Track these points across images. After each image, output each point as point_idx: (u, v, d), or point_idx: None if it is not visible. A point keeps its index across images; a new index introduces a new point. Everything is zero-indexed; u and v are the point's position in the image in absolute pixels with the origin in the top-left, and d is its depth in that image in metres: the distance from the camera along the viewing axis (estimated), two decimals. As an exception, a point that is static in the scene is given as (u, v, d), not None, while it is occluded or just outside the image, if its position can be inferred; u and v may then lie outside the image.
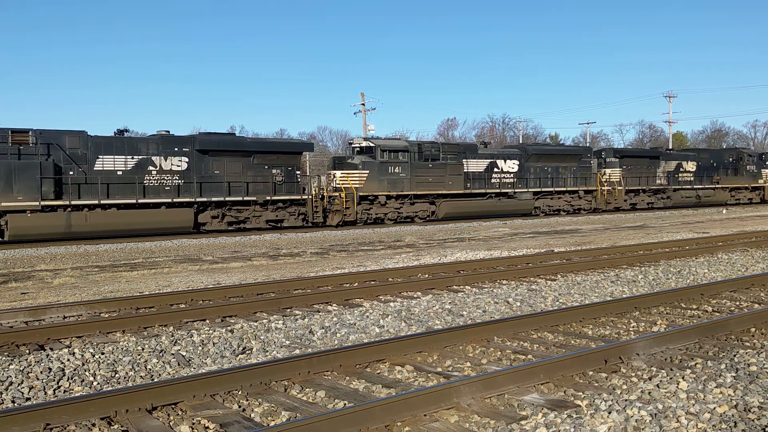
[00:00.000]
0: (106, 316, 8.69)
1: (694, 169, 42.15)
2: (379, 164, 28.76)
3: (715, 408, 4.71)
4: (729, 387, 5.18)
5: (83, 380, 5.98)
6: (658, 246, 16.55)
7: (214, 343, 7.21)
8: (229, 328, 7.87)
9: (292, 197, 26.66)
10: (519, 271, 11.98)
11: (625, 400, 4.93)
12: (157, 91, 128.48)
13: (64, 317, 8.76)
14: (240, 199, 25.52)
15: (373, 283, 11.15)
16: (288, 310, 9.10)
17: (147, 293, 10.56)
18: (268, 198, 26.02)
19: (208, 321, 8.42)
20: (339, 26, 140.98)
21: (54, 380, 5.93)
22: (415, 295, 10.02)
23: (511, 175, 33.14)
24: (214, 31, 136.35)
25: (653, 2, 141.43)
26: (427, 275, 11.89)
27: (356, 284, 10.96)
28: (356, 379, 5.76)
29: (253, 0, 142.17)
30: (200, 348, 7.05)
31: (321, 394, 5.36)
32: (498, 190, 32.47)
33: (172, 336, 7.50)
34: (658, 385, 5.28)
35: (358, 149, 29.74)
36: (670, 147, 64.91)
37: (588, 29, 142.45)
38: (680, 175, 41.41)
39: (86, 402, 4.81)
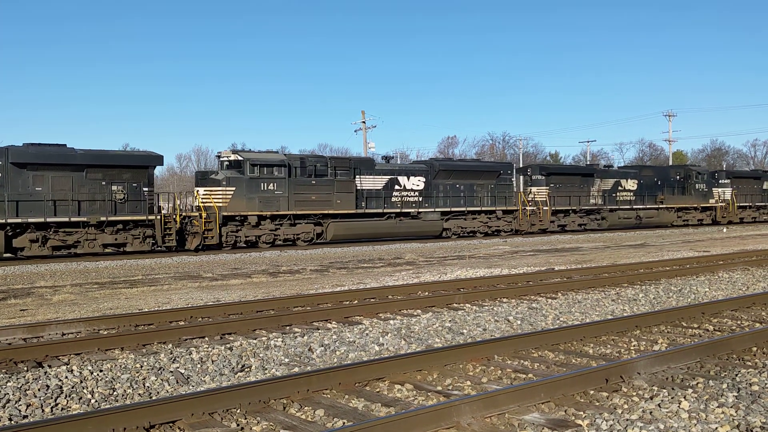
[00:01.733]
0: (105, 333, 8.66)
1: (634, 188, 38.55)
2: (248, 180, 25.23)
3: (717, 428, 4.68)
4: (731, 407, 5.15)
5: (81, 398, 5.94)
6: (659, 264, 16.52)
7: (213, 361, 7.17)
8: (228, 345, 7.84)
9: (136, 218, 23.06)
10: (519, 289, 11.95)
11: (627, 420, 4.90)
12: (157, 111, 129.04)
13: (63, 334, 8.72)
14: (67, 219, 21.91)
15: (372, 300, 11.12)
16: (287, 327, 9.07)
17: (146, 310, 10.54)
18: (104, 219, 22.36)
19: (207, 338, 8.38)
20: (341, 45, 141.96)
21: (52, 398, 5.89)
22: (415, 313, 9.99)
23: (416, 193, 29.76)
24: (214, 49, 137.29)
25: (654, 23, 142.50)
26: (427, 293, 11.85)
27: (356, 301, 10.93)
28: (356, 398, 5.73)
29: (255, 19, 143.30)
30: (199, 365, 7.01)
31: (320, 413, 5.32)
32: (399, 210, 29.06)
33: (171, 353, 7.46)
34: (659, 405, 5.24)
35: (227, 163, 26.08)
36: (671, 164, 64.97)
37: (589, 49, 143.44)
38: (619, 194, 37.84)
39: (83, 420, 4.77)
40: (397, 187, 29.38)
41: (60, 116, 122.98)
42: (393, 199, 29.21)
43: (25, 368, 6.93)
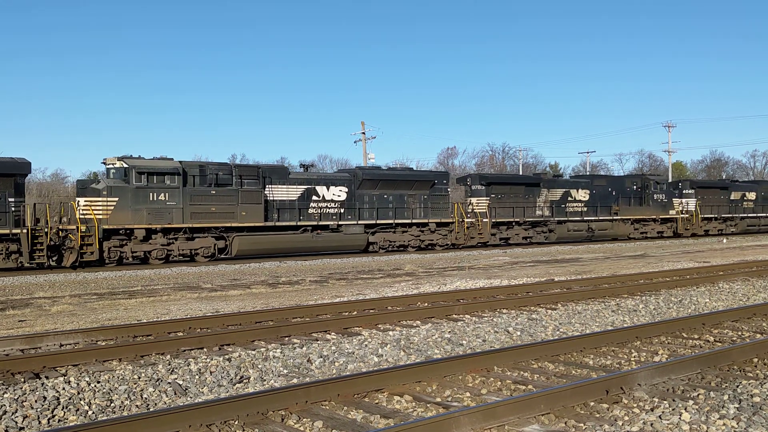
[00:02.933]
0: (103, 344, 8.63)
1: (586, 198, 36.03)
2: (134, 190, 22.98)
3: (718, 440, 4.64)
4: (732, 418, 5.12)
5: (78, 409, 5.90)
6: (659, 275, 16.49)
7: (211, 372, 7.14)
8: (226, 356, 7.81)
9: None
10: (519, 300, 11.92)
11: (627, 432, 4.87)
12: (157, 120, 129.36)
13: (61, 345, 8.69)
14: None
15: (372, 311, 11.09)
16: (286, 338, 9.04)
17: (144, 321, 10.50)
18: None
19: (205, 349, 8.35)
20: (340, 56, 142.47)
21: (48, 409, 5.86)
22: (415, 324, 9.96)
23: (337, 204, 27.63)
24: (214, 60, 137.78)
25: (653, 32, 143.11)
26: (426, 304, 11.82)
27: (355, 312, 10.90)
28: (354, 409, 5.69)
29: (254, 29, 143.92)
30: (197, 377, 6.98)
31: (318, 425, 5.29)
32: (316, 223, 26.90)
33: (169, 364, 7.43)
34: (660, 416, 5.21)
35: (113, 171, 23.75)
36: (672, 177, 65.00)
37: (588, 59, 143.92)
38: (568, 205, 35.31)
39: (80, 432, 4.74)
40: (314, 197, 27.17)
41: (58, 126, 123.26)
42: (310, 210, 27.02)
43: (23, 379, 6.89)
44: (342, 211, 27.90)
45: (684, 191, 40.95)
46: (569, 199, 35.54)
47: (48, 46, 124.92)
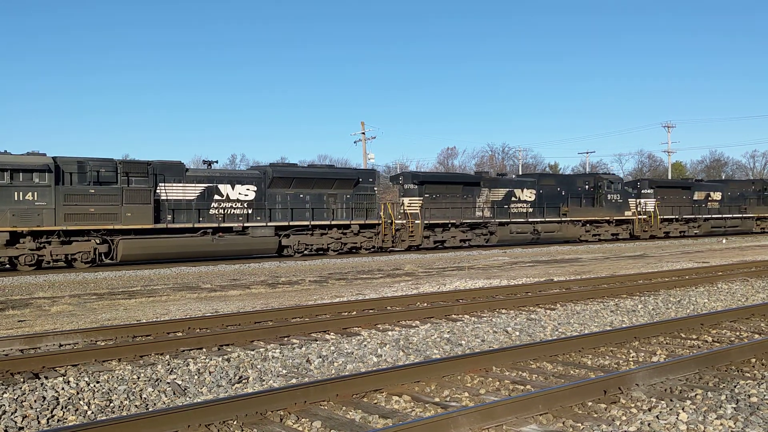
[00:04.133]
0: (102, 344, 8.64)
1: (531, 199, 33.95)
2: None
3: (715, 440, 4.66)
4: (729, 418, 5.13)
5: (77, 409, 5.91)
6: (658, 275, 16.51)
7: (210, 372, 7.15)
8: (225, 356, 7.82)
9: None
10: (518, 300, 11.94)
11: (625, 432, 4.88)
12: (156, 120, 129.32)
13: (60, 345, 8.70)
14: None
15: (371, 311, 11.10)
16: (285, 338, 9.05)
17: (144, 321, 10.52)
18: None
19: (204, 349, 8.36)
20: (340, 55, 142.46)
21: (48, 409, 5.87)
22: (414, 324, 9.97)
23: (244, 204, 25.55)
24: (214, 59, 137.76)
25: (653, 32, 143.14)
26: (426, 304, 11.84)
27: (354, 313, 10.91)
28: (353, 409, 5.71)
29: (254, 29, 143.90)
30: (196, 377, 6.99)
31: (317, 425, 5.30)
32: (217, 225, 24.71)
33: (169, 365, 7.44)
34: (657, 417, 5.23)
35: None
36: (669, 175, 64.90)
37: (588, 59, 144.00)
38: (512, 206, 33.29)
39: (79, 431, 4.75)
40: (217, 197, 24.97)
41: (61, 125, 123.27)
42: (211, 211, 24.84)
43: (22, 379, 6.90)
44: (250, 211, 25.73)
45: (643, 191, 39.15)
46: (513, 199, 33.49)
47: (47, 45, 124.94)
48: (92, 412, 5.86)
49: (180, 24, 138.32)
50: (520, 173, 58.91)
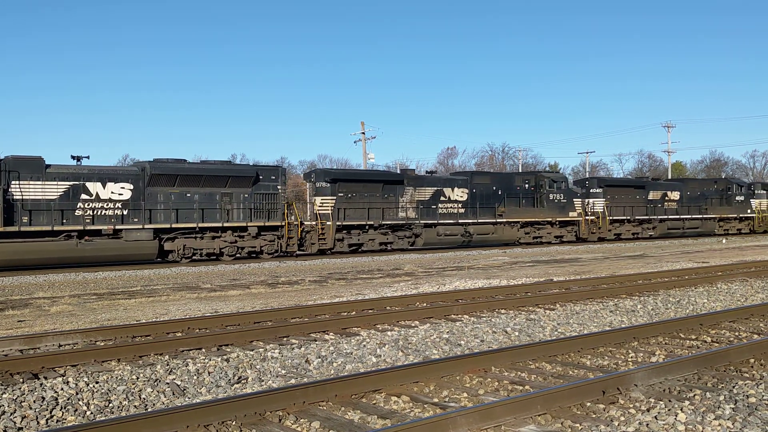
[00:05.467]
0: (102, 344, 8.64)
1: (463, 198, 31.80)
2: None
3: (713, 440, 4.66)
4: (728, 419, 5.14)
5: (77, 410, 5.92)
6: (658, 275, 16.51)
7: (209, 373, 7.16)
8: (225, 357, 7.83)
9: None
10: (518, 300, 11.94)
11: (623, 432, 4.89)
12: (156, 119, 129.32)
13: (60, 345, 8.71)
14: None
15: (371, 311, 11.11)
16: (285, 338, 9.05)
17: (143, 321, 10.52)
18: None
19: (204, 350, 8.36)
20: (340, 55, 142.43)
21: (47, 409, 5.88)
22: (413, 324, 9.98)
23: (118, 204, 23.29)
24: (213, 58, 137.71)
25: (653, 32, 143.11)
26: (425, 304, 11.85)
27: (354, 313, 10.92)
28: (352, 410, 5.71)
29: (254, 28, 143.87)
30: (195, 377, 7.00)
31: (316, 425, 5.31)
32: (83, 227, 22.39)
33: (168, 365, 7.45)
34: (656, 417, 5.23)
35: None
36: (669, 175, 64.71)
37: (588, 58, 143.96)
38: (441, 206, 31.12)
39: (78, 432, 4.76)
40: (84, 196, 22.74)
41: (57, 123, 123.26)
42: (77, 212, 22.61)
43: (21, 380, 6.91)
44: (125, 212, 23.49)
45: (591, 190, 37.21)
46: (442, 198, 31.24)
47: (46, 44, 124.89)
48: (91, 413, 5.86)
49: (180, 23, 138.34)
50: (520, 172, 58.58)
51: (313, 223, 27.60)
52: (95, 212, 23.01)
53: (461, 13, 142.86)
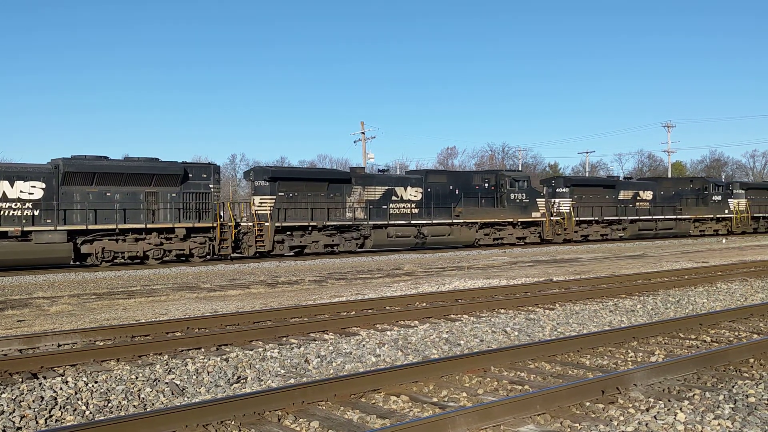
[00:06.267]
0: (101, 344, 8.64)
1: (417, 198, 30.15)
2: None
3: (712, 440, 4.66)
4: (727, 419, 5.14)
5: (76, 409, 5.92)
6: (657, 275, 16.51)
7: (208, 372, 7.15)
8: (224, 356, 7.82)
9: None
10: (517, 300, 11.94)
11: (622, 432, 4.89)
12: (155, 119, 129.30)
13: (59, 345, 8.71)
14: None
15: (370, 311, 11.10)
16: (284, 338, 9.05)
17: (143, 321, 10.52)
18: None
19: (203, 349, 8.36)
20: (339, 55, 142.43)
21: (46, 409, 5.87)
22: (413, 324, 9.98)
23: (28, 204, 21.78)
24: (213, 58, 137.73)
25: (653, 32, 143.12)
26: (425, 304, 11.84)
27: (353, 312, 10.91)
28: (351, 409, 5.71)
29: (254, 28, 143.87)
30: (195, 377, 6.99)
31: (315, 425, 5.30)
32: None
33: (167, 365, 7.45)
34: (655, 417, 5.23)
35: None
36: (670, 175, 64.69)
37: (588, 59, 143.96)
38: (393, 206, 29.34)
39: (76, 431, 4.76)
40: None
41: (57, 123, 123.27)
42: None
43: (20, 379, 6.90)
44: (36, 213, 21.94)
45: (558, 190, 35.69)
46: (394, 198, 29.52)
47: (45, 43, 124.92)
48: (90, 413, 5.86)
49: (180, 23, 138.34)
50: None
51: (250, 224, 26.01)
52: (1, 213, 21.53)
53: (461, 13, 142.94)
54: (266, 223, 25.98)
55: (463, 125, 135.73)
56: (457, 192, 31.37)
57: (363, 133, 53.60)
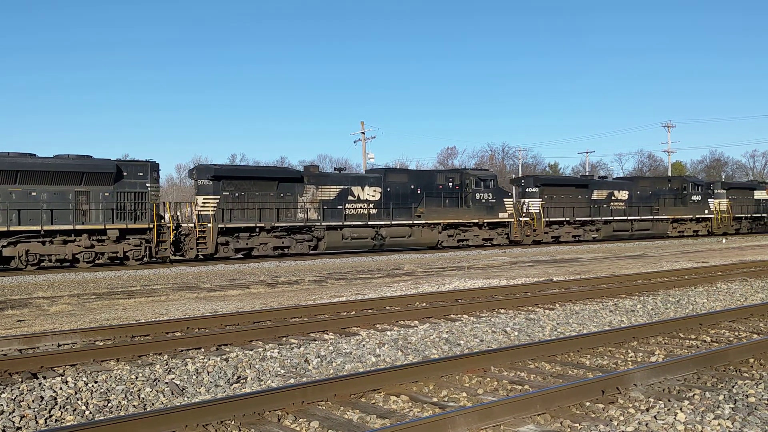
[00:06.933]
0: (101, 344, 8.64)
1: (375, 198, 28.84)
2: None
3: (712, 440, 4.65)
4: (727, 419, 5.13)
5: (75, 409, 5.91)
6: (657, 275, 16.50)
7: (208, 372, 7.15)
8: (224, 356, 7.82)
9: None
10: (517, 300, 11.93)
11: (622, 432, 4.88)
12: (155, 119, 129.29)
13: (59, 345, 8.70)
14: None
15: (370, 311, 11.10)
16: (284, 338, 9.05)
17: (143, 321, 10.52)
18: None
19: (203, 349, 8.36)
20: (340, 54, 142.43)
21: (46, 409, 5.87)
22: (413, 324, 9.97)
23: None
24: (213, 58, 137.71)
25: (653, 31, 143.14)
26: (424, 304, 11.84)
27: (353, 312, 10.91)
28: (351, 409, 5.70)
29: (253, 27, 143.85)
30: (194, 377, 6.99)
31: (315, 425, 5.30)
32: None
33: (167, 364, 7.44)
34: (655, 417, 5.22)
35: None
36: (669, 174, 64.62)
37: (589, 58, 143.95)
38: (349, 206, 28.15)
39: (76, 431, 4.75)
40: None
41: (57, 123, 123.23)
42: None
43: (20, 379, 6.90)
44: None
45: (527, 190, 34.63)
46: (350, 198, 28.27)
47: (43, 43, 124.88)
48: (90, 412, 5.86)
49: (180, 22, 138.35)
50: (520, 173, 58.05)
51: (191, 225, 24.79)
52: None
53: (461, 12, 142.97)
54: (209, 224, 24.73)
55: (463, 125, 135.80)
56: (419, 192, 30.10)
57: (363, 133, 53.60)
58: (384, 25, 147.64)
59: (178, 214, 27.02)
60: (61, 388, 6.46)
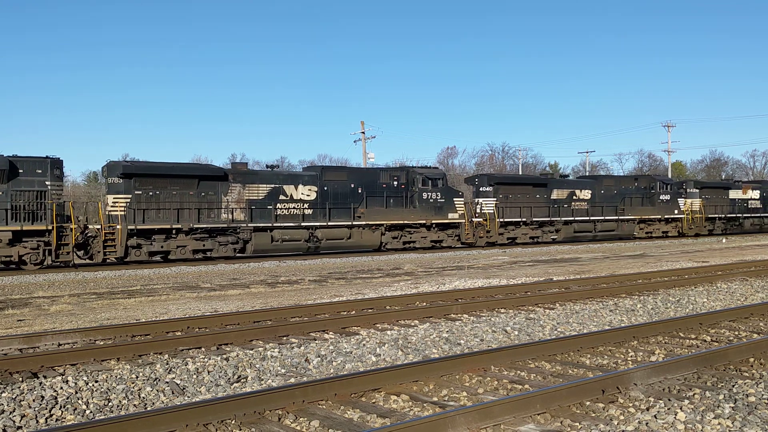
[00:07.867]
0: (101, 343, 8.64)
1: (311, 198, 27.34)
2: None
3: (712, 439, 4.66)
4: (727, 418, 5.14)
5: (76, 409, 5.92)
6: (657, 275, 16.50)
7: (209, 372, 7.15)
8: (224, 356, 7.82)
9: None
10: (517, 300, 11.93)
11: (622, 431, 4.88)
12: (156, 118, 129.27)
13: (59, 344, 8.71)
14: None
15: (370, 311, 11.11)
16: (284, 338, 9.05)
17: (143, 321, 10.52)
18: None
19: (203, 349, 8.36)
20: (340, 54, 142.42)
21: (46, 408, 5.87)
22: (413, 324, 9.98)
23: None
24: (212, 57, 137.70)
25: (653, 31, 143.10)
26: (425, 303, 11.84)
27: (353, 312, 10.91)
28: (351, 409, 5.71)
29: (253, 27, 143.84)
30: (195, 376, 7.00)
31: (315, 424, 5.31)
32: None
33: (167, 364, 7.45)
34: (655, 416, 5.23)
35: None
36: (670, 175, 64.61)
37: (589, 58, 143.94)
38: (280, 206, 26.71)
39: (77, 431, 4.75)
40: None
41: (60, 124, 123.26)
42: None
43: (20, 379, 6.91)
44: None
45: (482, 189, 33.07)
46: (281, 198, 26.70)
47: (42, 43, 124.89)
48: (91, 412, 5.86)
49: (179, 23, 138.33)
50: (520, 173, 57.91)
51: (97, 227, 23.19)
52: None
53: (461, 12, 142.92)
54: (118, 226, 23.14)
55: (463, 125, 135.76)
56: (360, 191, 28.40)
57: (363, 132, 53.58)
58: (384, 25, 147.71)
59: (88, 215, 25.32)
60: (61, 388, 6.47)
